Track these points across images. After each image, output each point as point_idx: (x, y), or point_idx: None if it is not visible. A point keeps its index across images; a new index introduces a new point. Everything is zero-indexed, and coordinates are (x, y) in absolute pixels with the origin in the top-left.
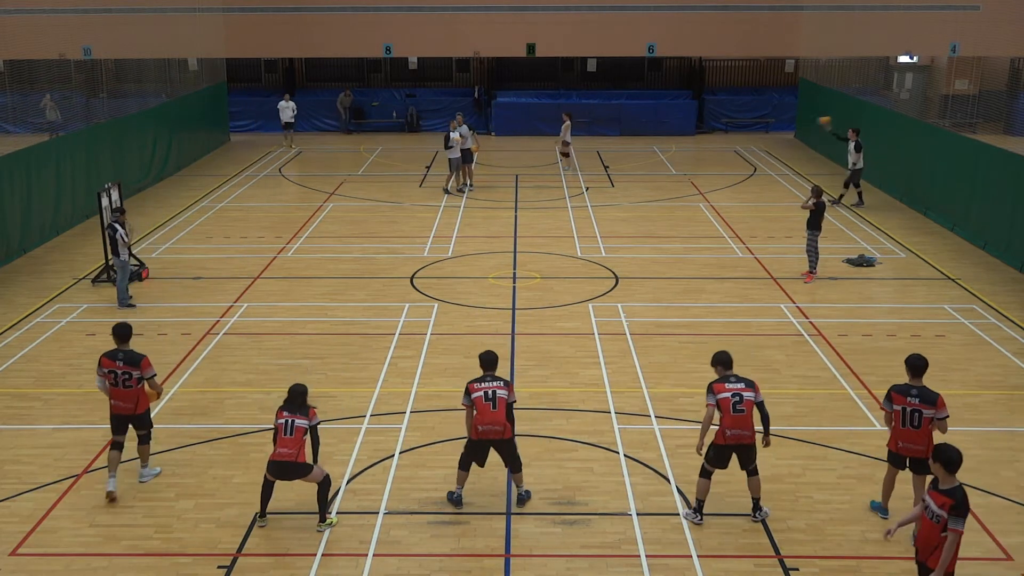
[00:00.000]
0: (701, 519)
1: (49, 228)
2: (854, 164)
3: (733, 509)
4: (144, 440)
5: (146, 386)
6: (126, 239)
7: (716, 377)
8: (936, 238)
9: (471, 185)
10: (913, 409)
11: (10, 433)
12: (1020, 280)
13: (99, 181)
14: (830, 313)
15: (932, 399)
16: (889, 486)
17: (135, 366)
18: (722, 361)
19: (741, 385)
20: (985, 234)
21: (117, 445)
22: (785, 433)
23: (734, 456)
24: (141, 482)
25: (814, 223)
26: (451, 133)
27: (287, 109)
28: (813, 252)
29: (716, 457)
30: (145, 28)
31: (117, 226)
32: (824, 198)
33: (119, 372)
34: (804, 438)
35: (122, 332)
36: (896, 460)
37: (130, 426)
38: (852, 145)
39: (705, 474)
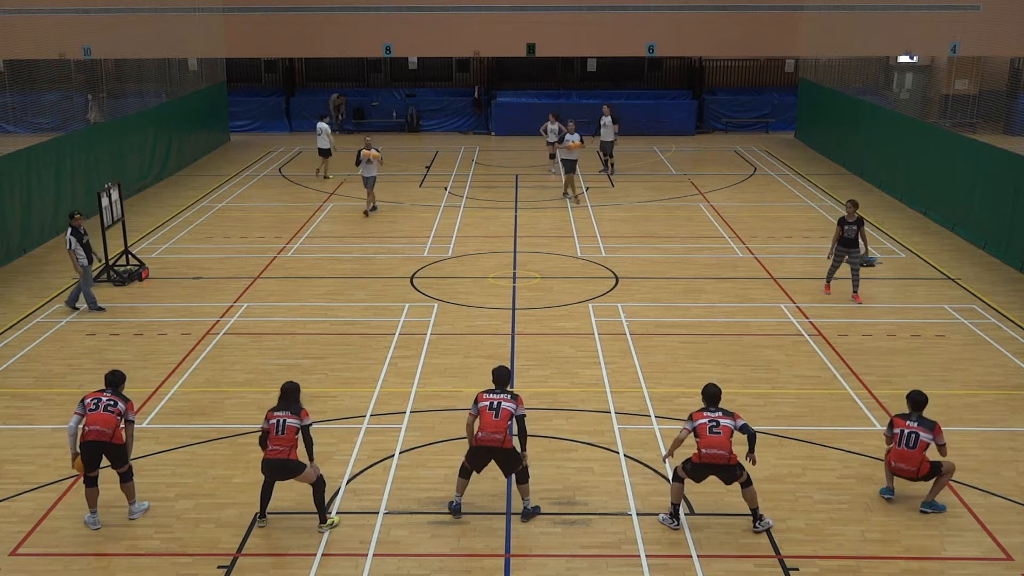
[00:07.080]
0: (678, 524)
1: (49, 228)
2: (606, 136)
3: (733, 509)
4: (126, 478)
5: (123, 428)
6: (73, 247)
7: (699, 408)
8: (936, 238)
9: (575, 197)
10: (911, 431)
11: (10, 433)
12: (1020, 280)
13: (99, 181)
14: (830, 313)
15: (930, 425)
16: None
17: (123, 400)
18: (706, 394)
19: (719, 414)
20: (985, 234)
21: (91, 481)
22: (785, 433)
23: (713, 477)
24: (131, 519)
25: (852, 241)
26: (361, 151)
27: (323, 135)
28: (837, 266)
29: (692, 471)
30: (145, 28)
31: (76, 231)
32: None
33: (104, 399)
34: (804, 438)
35: (114, 379)
36: (889, 476)
37: (106, 465)
38: (607, 119)
39: (677, 479)
